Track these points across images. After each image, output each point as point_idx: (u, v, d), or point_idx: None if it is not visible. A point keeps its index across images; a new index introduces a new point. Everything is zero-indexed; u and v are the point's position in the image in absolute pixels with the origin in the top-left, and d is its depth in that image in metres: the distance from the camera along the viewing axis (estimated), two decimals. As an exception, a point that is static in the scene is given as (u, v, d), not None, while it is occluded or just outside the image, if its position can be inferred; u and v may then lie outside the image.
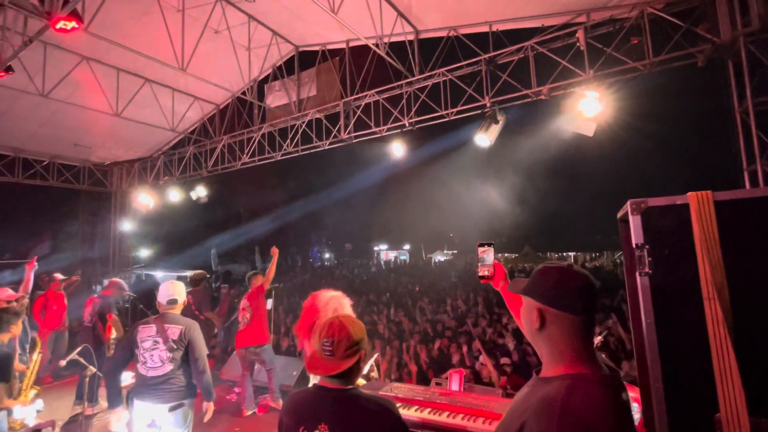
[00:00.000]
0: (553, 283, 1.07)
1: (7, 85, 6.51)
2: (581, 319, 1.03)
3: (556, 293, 1.05)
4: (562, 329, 1.04)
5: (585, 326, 1.04)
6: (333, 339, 1.46)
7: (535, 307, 1.07)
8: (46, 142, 9.16)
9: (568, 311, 1.03)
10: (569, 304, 1.03)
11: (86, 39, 6.28)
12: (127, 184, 10.94)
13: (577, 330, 1.03)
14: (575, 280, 1.05)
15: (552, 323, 1.05)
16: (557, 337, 1.04)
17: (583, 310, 1.03)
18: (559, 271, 1.08)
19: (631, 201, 1.54)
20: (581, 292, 1.04)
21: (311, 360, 1.52)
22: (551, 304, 1.05)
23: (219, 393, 5.97)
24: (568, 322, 1.03)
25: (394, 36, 6.35)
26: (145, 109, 8.34)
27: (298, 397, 1.55)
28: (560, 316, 1.03)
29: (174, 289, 2.94)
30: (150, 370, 2.68)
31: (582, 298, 1.04)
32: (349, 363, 1.46)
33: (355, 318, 1.60)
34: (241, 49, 7.29)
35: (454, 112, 6.08)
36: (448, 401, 2.41)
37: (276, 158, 8.19)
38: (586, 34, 4.92)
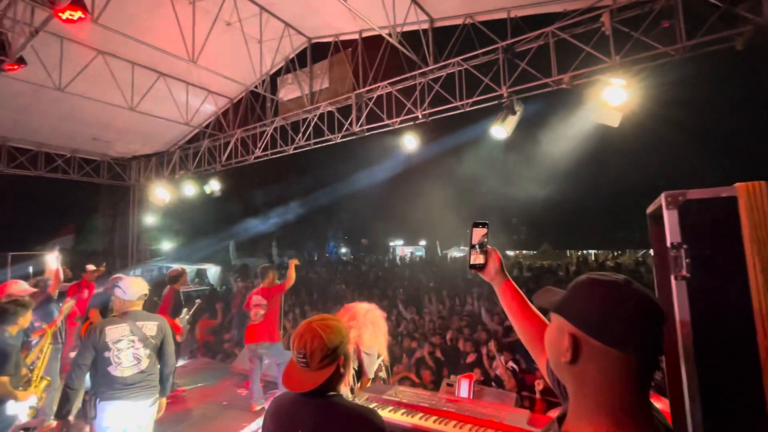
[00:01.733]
0: (599, 303, 0.76)
1: (26, 80, 6.62)
2: (634, 360, 0.72)
3: (602, 318, 0.74)
4: (603, 370, 0.73)
5: (639, 372, 0.72)
6: (305, 351, 1.36)
7: (569, 332, 0.77)
8: (66, 137, 9.36)
9: (616, 347, 0.72)
10: (618, 337, 0.72)
11: (101, 33, 6.30)
12: (145, 177, 11.12)
13: (626, 375, 0.72)
14: (632, 303, 0.73)
15: (590, 359, 0.74)
16: (595, 380, 0.74)
17: (639, 349, 0.71)
18: (610, 288, 0.76)
19: (665, 193, 1.33)
20: (639, 321, 0.72)
21: (288, 372, 1.41)
22: (592, 333, 0.74)
23: (230, 387, 5.99)
24: (615, 362, 0.72)
25: (408, 25, 6.14)
26: (160, 103, 8.39)
27: (281, 402, 1.48)
28: (603, 351, 0.73)
29: (143, 285, 2.91)
30: (125, 370, 2.63)
31: (639, 331, 0.72)
32: (326, 374, 1.37)
33: (333, 321, 1.49)
34: (253, 42, 7.21)
35: (470, 103, 5.84)
36: (455, 409, 2.25)
37: (288, 152, 8.13)
38: (612, 17, 4.60)
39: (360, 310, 3.04)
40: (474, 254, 1.38)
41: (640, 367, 0.72)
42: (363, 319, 2.91)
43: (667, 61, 4.36)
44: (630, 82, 4.23)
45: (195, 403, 5.39)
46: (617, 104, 4.32)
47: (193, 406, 5.33)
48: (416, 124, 6.36)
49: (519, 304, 1.28)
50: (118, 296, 2.78)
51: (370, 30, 7.09)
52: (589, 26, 4.89)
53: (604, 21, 4.60)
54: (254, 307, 5.19)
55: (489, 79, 5.57)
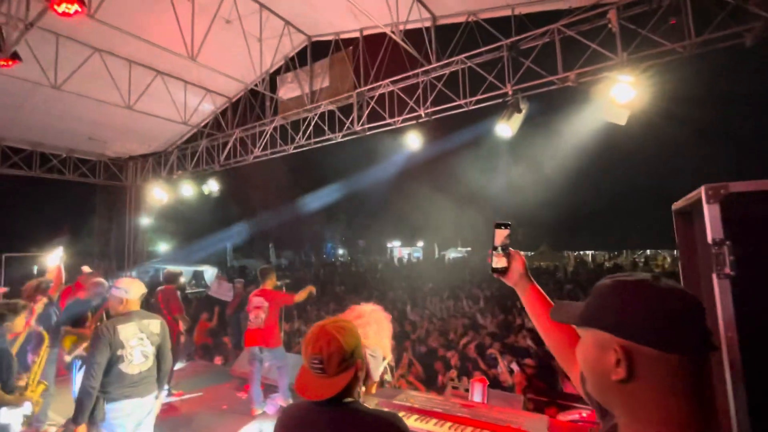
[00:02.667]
0: (640, 305, 0.67)
1: (21, 77, 6.49)
2: (694, 362, 0.64)
3: (650, 322, 0.65)
4: (663, 381, 0.65)
5: (701, 375, 0.65)
6: (321, 356, 1.27)
7: (617, 345, 0.67)
8: (62, 136, 9.21)
9: (674, 350, 0.64)
10: (674, 339, 0.64)
11: (98, 30, 6.20)
12: (142, 178, 10.97)
13: (689, 381, 0.64)
14: (675, 300, 0.66)
15: (647, 372, 0.65)
16: (654, 395, 0.65)
17: (696, 348, 0.64)
18: (644, 288, 0.68)
19: (706, 186, 1.25)
20: (688, 317, 0.65)
21: (301, 379, 1.32)
22: (643, 340, 0.65)
23: (229, 390, 5.87)
24: (675, 368, 0.64)
25: (411, 23, 6.07)
26: (157, 102, 8.27)
27: (293, 411, 1.38)
28: (660, 358, 0.64)
29: (141, 284, 2.95)
30: (135, 367, 2.71)
31: (691, 328, 0.65)
32: (345, 379, 1.27)
33: (347, 323, 1.40)
34: (253, 40, 7.12)
35: (473, 101, 5.77)
36: (470, 414, 2.16)
37: (288, 151, 8.03)
38: (618, 14, 4.54)
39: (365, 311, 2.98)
40: (496, 257, 1.28)
41: (701, 368, 0.65)
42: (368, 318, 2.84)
43: (675, 58, 4.31)
44: (638, 79, 4.17)
45: (195, 408, 5.27)
46: (624, 102, 4.26)
47: (193, 410, 5.21)
48: (419, 122, 6.28)
49: (546, 310, 1.17)
50: (119, 296, 2.79)
51: (371, 28, 7.02)
52: (595, 23, 4.84)
53: (611, 18, 4.55)
54: (255, 309, 5.07)
55: (493, 77, 5.50)
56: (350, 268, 25.37)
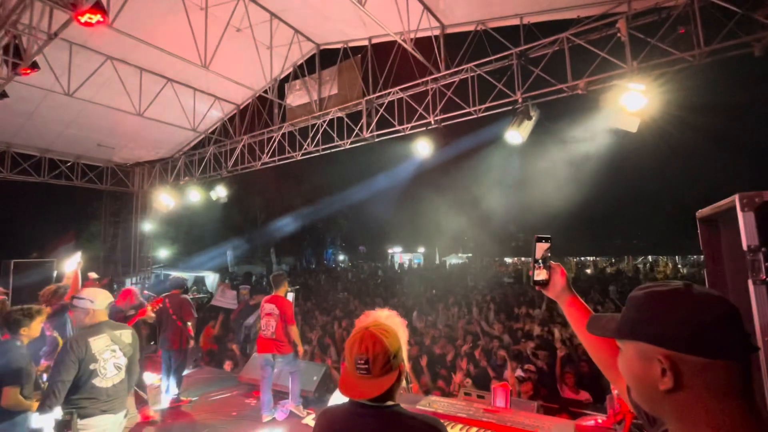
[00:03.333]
0: (680, 314, 0.68)
1: (35, 84, 6.57)
2: (739, 366, 0.65)
3: (692, 330, 0.66)
4: (714, 387, 0.65)
5: (746, 378, 0.66)
6: (367, 356, 1.29)
7: (661, 356, 0.68)
8: (71, 143, 9.28)
9: (719, 356, 0.65)
10: (718, 345, 0.65)
11: (111, 39, 6.29)
12: (149, 184, 11.03)
13: (736, 386, 0.65)
14: (713, 306, 0.67)
15: (695, 380, 0.66)
16: (704, 403, 0.66)
17: (739, 351, 0.66)
18: (680, 296, 0.69)
19: (740, 195, 1.29)
20: (728, 322, 0.66)
21: (345, 380, 1.34)
22: (688, 349, 0.66)
23: (238, 397, 5.86)
24: (721, 373, 0.65)
25: (420, 31, 6.15)
26: (167, 109, 8.35)
27: (334, 414, 1.39)
28: (706, 366, 0.65)
29: (107, 293, 2.80)
30: (108, 380, 2.57)
31: (733, 332, 0.66)
32: (389, 381, 1.29)
33: (389, 326, 1.43)
34: (263, 48, 7.21)
35: (482, 108, 5.84)
36: (495, 420, 2.17)
37: (296, 158, 8.09)
38: (627, 23, 4.62)
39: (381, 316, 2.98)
40: (537, 270, 1.32)
41: (746, 371, 0.66)
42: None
43: (685, 66, 4.37)
44: (649, 87, 4.23)
45: (204, 415, 5.25)
46: (635, 109, 4.31)
47: (202, 417, 5.19)
48: (427, 129, 6.35)
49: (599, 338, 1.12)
50: (85, 308, 2.63)
51: (379, 36, 7.12)
52: (604, 32, 4.91)
53: (620, 27, 4.62)
54: (266, 316, 5.07)
55: (503, 85, 5.57)
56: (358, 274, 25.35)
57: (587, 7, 5.08)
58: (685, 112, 5.93)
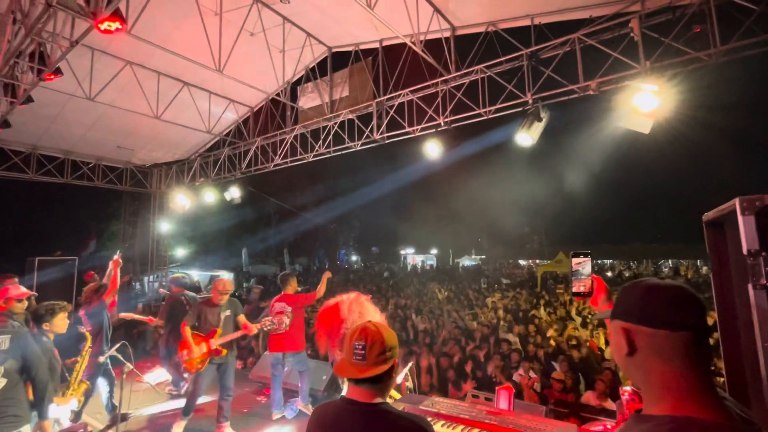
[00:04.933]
0: (638, 295, 0.87)
1: (58, 89, 6.84)
2: (684, 337, 0.80)
3: (644, 306, 0.85)
4: (659, 353, 0.82)
5: (693, 348, 0.80)
6: (365, 343, 1.37)
7: (621, 328, 0.88)
8: (92, 145, 9.61)
9: (663, 327, 0.81)
10: (663, 318, 0.82)
11: (130, 44, 6.50)
12: (166, 185, 11.32)
13: (681, 353, 0.80)
14: (667, 290, 0.85)
15: (645, 346, 0.84)
16: (654, 364, 0.83)
17: (684, 325, 0.81)
18: (646, 283, 0.89)
19: (740, 198, 1.27)
20: (677, 301, 0.83)
21: (340, 365, 1.44)
22: (640, 321, 0.84)
23: (249, 395, 5.96)
24: (667, 342, 0.81)
25: (430, 33, 6.17)
26: (183, 112, 8.57)
27: (326, 409, 1.45)
28: (654, 335, 0.82)
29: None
30: None
31: (679, 309, 0.82)
32: (380, 369, 1.36)
33: (387, 325, 1.50)
34: (275, 52, 7.34)
35: (493, 110, 5.81)
36: (498, 422, 2.17)
37: (308, 159, 8.19)
38: (640, 23, 4.54)
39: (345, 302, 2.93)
40: (576, 282, 1.43)
41: (690, 342, 0.80)
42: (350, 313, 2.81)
43: (700, 66, 4.27)
44: (662, 87, 4.15)
45: (216, 412, 5.36)
46: (648, 110, 4.23)
47: (214, 413, 5.30)
48: (438, 131, 6.35)
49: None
50: None
51: (390, 39, 7.16)
52: (616, 32, 4.84)
53: (633, 27, 4.54)
54: (277, 315, 5.16)
55: (513, 86, 5.53)
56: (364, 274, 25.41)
57: (599, 6, 5.00)
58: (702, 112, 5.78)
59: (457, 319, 9.60)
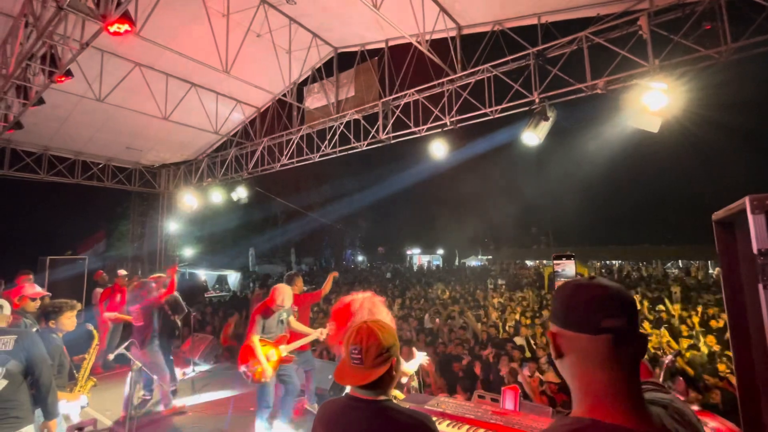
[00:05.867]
0: (563, 298, 0.84)
1: (69, 91, 6.95)
2: (603, 340, 0.77)
3: (567, 309, 0.82)
4: (581, 357, 0.80)
5: (615, 351, 0.77)
6: (361, 346, 1.37)
7: (549, 332, 0.87)
8: (102, 146, 9.74)
9: (583, 330, 0.79)
10: (582, 321, 0.79)
11: (138, 46, 6.59)
12: (174, 185, 11.44)
13: (601, 357, 0.77)
14: (590, 292, 0.81)
15: (569, 350, 0.82)
16: (577, 368, 0.81)
17: (603, 329, 0.77)
18: (572, 284, 0.85)
19: (750, 197, 1.25)
20: (597, 304, 0.79)
21: (340, 369, 1.44)
22: (564, 324, 0.82)
23: (255, 394, 6.00)
24: (588, 345, 0.78)
25: (436, 33, 6.16)
26: (191, 113, 8.66)
27: (330, 407, 1.47)
28: (575, 338, 0.80)
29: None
30: None
31: (597, 311, 0.78)
32: (379, 372, 1.36)
33: (385, 323, 1.49)
34: (282, 52, 7.38)
35: (499, 109, 5.78)
36: (503, 422, 2.16)
37: (314, 159, 8.22)
38: (649, 21, 4.48)
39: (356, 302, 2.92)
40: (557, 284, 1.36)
41: (611, 345, 0.77)
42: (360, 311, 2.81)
43: (710, 64, 4.21)
44: (671, 85, 4.09)
45: (221, 410, 5.41)
46: (657, 108, 4.18)
47: (219, 411, 5.35)
48: (444, 131, 6.33)
49: None
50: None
51: (396, 39, 7.16)
52: (624, 30, 4.78)
53: (642, 25, 4.49)
54: (283, 314, 5.18)
55: (519, 86, 5.50)
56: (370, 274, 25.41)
57: (607, 4, 4.96)
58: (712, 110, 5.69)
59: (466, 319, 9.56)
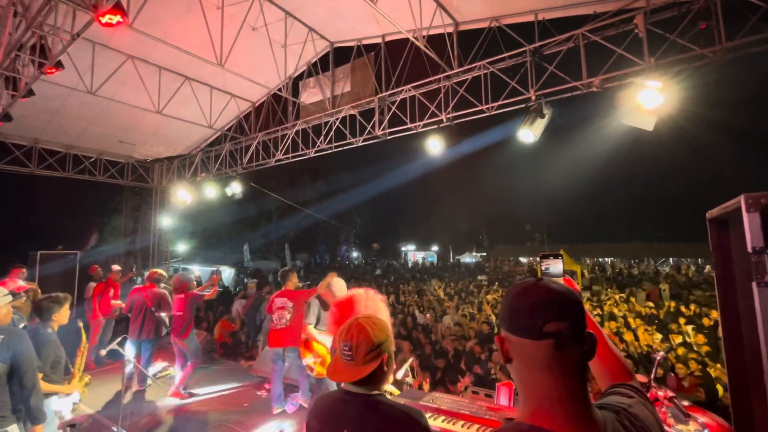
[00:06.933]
0: (508, 302, 0.82)
1: (59, 83, 6.82)
2: (545, 345, 0.75)
3: (512, 313, 0.81)
4: (525, 361, 0.78)
5: (557, 356, 0.75)
6: (351, 343, 1.39)
7: (497, 336, 0.84)
8: (94, 139, 9.60)
9: (526, 335, 0.77)
10: (525, 326, 0.77)
11: (131, 38, 6.48)
12: (167, 180, 11.32)
13: (543, 362, 0.76)
14: (534, 295, 0.79)
15: (515, 355, 0.80)
16: (523, 372, 0.80)
17: (544, 333, 0.75)
18: (519, 286, 0.83)
19: (746, 195, 1.26)
20: (538, 308, 0.77)
21: (333, 365, 1.45)
22: (509, 329, 0.81)
23: (250, 389, 5.99)
24: (531, 350, 0.76)
25: (433, 29, 6.13)
26: (185, 107, 8.55)
27: (324, 401, 1.49)
28: (520, 343, 0.78)
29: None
30: None
31: (539, 316, 0.76)
32: (370, 368, 1.37)
33: (378, 319, 1.50)
34: (277, 46, 7.30)
35: (495, 106, 5.78)
36: (498, 418, 2.18)
37: (309, 155, 8.17)
38: (645, 19, 4.49)
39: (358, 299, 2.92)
40: None
41: (554, 351, 0.75)
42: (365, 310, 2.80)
43: (705, 63, 4.24)
44: (666, 84, 4.11)
45: (216, 406, 5.39)
46: (652, 107, 4.20)
47: (215, 408, 5.33)
48: (440, 127, 6.31)
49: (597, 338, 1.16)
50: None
51: (392, 34, 7.12)
52: (621, 28, 4.79)
53: (638, 23, 4.50)
54: (278, 310, 5.16)
55: (516, 82, 5.50)
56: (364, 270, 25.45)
57: (604, 2, 4.96)
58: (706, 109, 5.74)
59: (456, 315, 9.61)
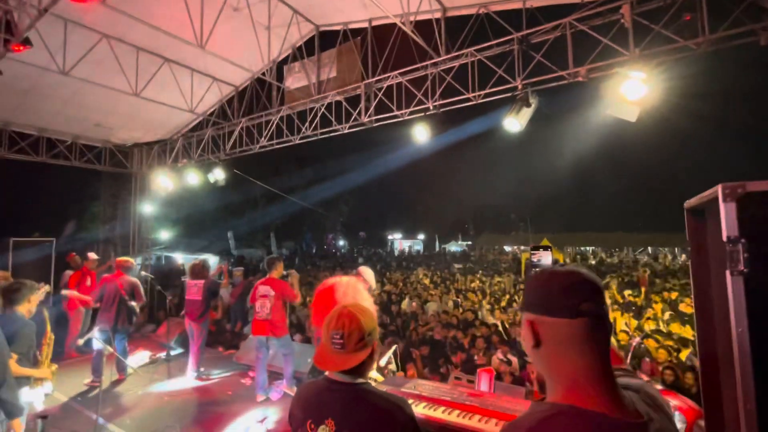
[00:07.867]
0: (538, 285, 0.88)
1: (29, 62, 6.47)
2: (582, 323, 0.80)
3: (545, 295, 0.85)
4: (559, 342, 0.82)
5: (590, 335, 0.80)
6: (343, 331, 1.37)
7: (526, 320, 0.87)
8: (68, 122, 9.21)
9: (562, 315, 0.81)
10: (561, 306, 0.82)
11: (106, 16, 6.18)
12: (147, 165, 10.99)
13: (578, 340, 0.80)
14: (563, 277, 0.85)
15: (547, 337, 0.83)
16: (554, 354, 0.83)
17: (580, 311, 0.80)
18: (549, 272, 0.89)
19: (723, 185, 1.28)
20: (573, 288, 0.83)
21: (320, 354, 1.44)
22: (541, 311, 0.84)
23: (234, 377, 5.98)
24: (566, 330, 0.81)
25: (421, 14, 6.02)
26: (164, 90, 8.25)
27: (308, 389, 1.49)
28: (554, 324, 0.82)
29: None
30: None
31: (575, 295, 0.82)
32: (361, 356, 1.38)
33: (365, 307, 1.50)
34: (261, 29, 7.07)
35: (482, 94, 5.75)
36: (478, 403, 2.21)
37: (294, 142, 8.03)
38: (632, 10, 4.50)
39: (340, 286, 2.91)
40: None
41: (588, 328, 0.80)
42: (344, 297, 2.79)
43: (688, 54, 4.28)
44: (650, 75, 4.15)
45: (200, 395, 5.37)
46: (636, 98, 4.24)
47: (198, 397, 5.31)
48: (426, 115, 6.26)
49: None
50: None
51: (379, 18, 6.97)
52: (607, 18, 4.79)
53: (624, 13, 4.51)
54: (261, 298, 5.12)
55: (503, 71, 5.47)
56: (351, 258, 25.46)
57: (592, -9, 4.94)
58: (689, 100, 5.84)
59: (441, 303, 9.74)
